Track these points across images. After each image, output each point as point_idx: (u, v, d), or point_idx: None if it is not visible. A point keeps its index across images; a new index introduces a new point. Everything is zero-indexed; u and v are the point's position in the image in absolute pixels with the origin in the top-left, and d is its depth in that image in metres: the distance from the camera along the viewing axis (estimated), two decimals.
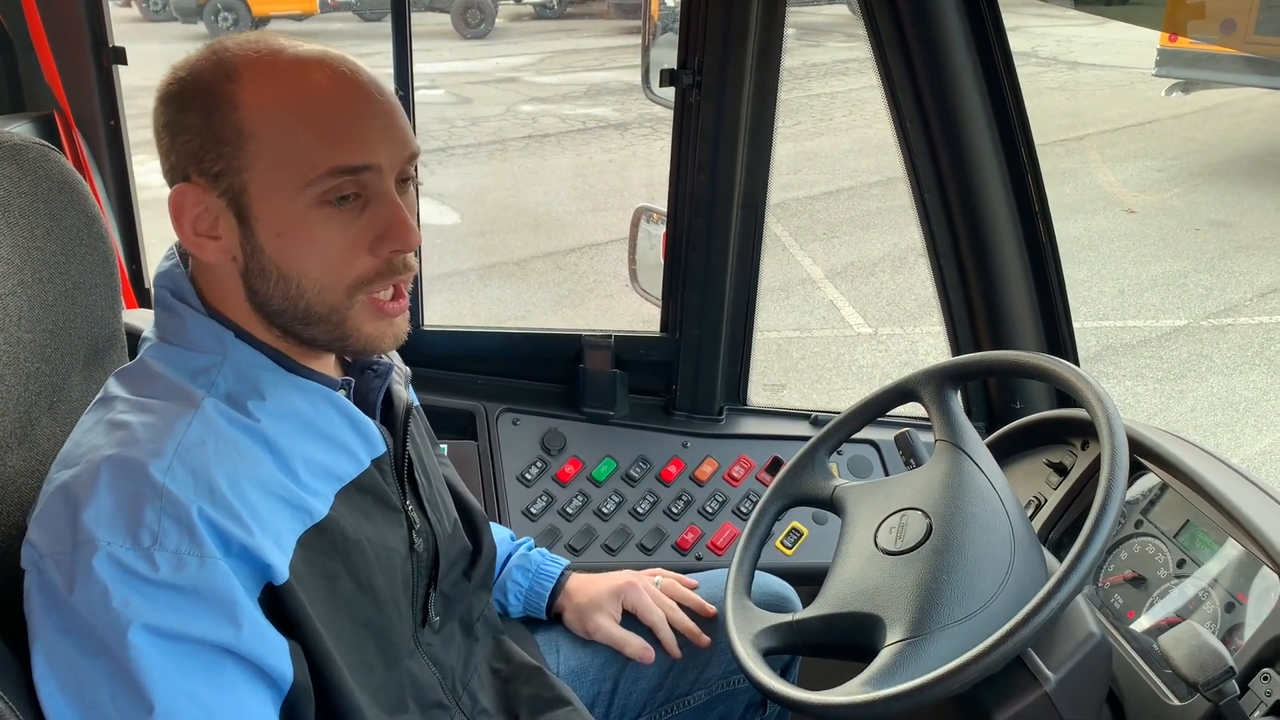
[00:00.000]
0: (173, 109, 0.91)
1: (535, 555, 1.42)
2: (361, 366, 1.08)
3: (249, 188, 0.89)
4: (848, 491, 1.31)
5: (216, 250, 0.92)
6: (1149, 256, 5.89)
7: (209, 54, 0.92)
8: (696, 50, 1.67)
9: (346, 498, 0.96)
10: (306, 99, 0.89)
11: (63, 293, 1.03)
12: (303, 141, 0.88)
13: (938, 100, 1.62)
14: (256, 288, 0.92)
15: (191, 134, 0.89)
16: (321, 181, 0.88)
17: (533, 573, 1.40)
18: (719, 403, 1.91)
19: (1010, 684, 1.09)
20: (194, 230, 0.91)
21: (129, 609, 0.80)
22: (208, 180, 0.90)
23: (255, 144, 0.88)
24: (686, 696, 1.42)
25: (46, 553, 0.83)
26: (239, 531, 0.84)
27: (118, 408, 0.89)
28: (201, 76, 0.90)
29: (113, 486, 0.82)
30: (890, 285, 5.54)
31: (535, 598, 1.39)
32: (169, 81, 0.92)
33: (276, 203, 0.89)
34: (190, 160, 0.90)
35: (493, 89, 10.09)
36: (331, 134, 0.88)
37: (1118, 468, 1.06)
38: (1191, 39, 6.80)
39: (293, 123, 0.88)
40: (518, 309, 5.26)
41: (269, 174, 0.88)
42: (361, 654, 0.97)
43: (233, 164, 0.89)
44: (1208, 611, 1.18)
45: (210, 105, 0.89)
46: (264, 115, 0.88)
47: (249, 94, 0.88)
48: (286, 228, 0.89)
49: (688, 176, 1.76)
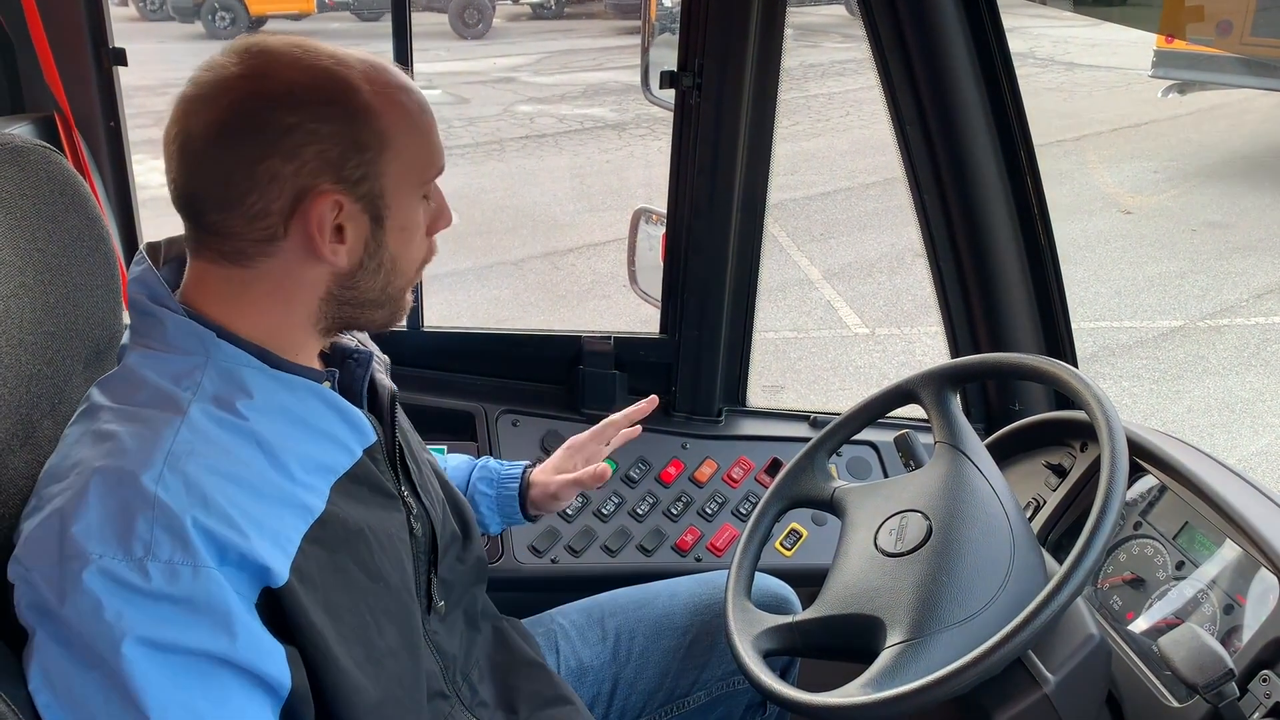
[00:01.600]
0: (296, 116, 0.88)
1: (494, 464, 1.44)
2: (342, 357, 1.08)
3: (386, 190, 0.94)
4: (847, 493, 1.31)
5: (343, 255, 0.94)
6: (1145, 257, 5.90)
7: (289, 62, 0.90)
8: (697, 52, 1.67)
9: (342, 489, 0.95)
10: (420, 107, 0.97)
11: (64, 295, 1.02)
12: (424, 146, 0.97)
13: (937, 101, 1.62)
14: (362, 283, 0.97)
15: (330, 142, 0.89)
16: (429, 182, 1.00)
17: (496, 480, 1.42)
18: (718, 404, 1.91)
19: (1010, 686, 1.09)
20: (324, 236, 0.92)
21: (122, 621, 0.80)
22: (346, 186, 0.91)
23: (394, 149, 0.93)
24: (686, 697, 1.42)
25: (33, 566, 0.83)
26: (234, 537, 0.84)
27: (103, 417, 0.89)
28: (315, 85, 0.89)
29: (103, 499, 0.82)
30: (888, 286, 5.54)
31: (506, 502, 1.41)
32: (264, 88, 0.89)
33: (402, 201, 0.96)
34: (326, 168, 0.90)
35: (490, 89, 10.08)
36: (435, 139, 0.99)
37: (1117, 470, 1.06)
38: (1188, 40, 6.80)
39: (418, 128, 0.96)
40: (516, 309, 5.26)
41: (401, 176, 0.95)
42: (381, 644, 0.97)
43: (374, 169, 0.92)
44: (1206, 613, 1.19)
45: (348, 114, 0.90)
46: (398, 123, 0.93)
47: (381, 104, 0.92)
48: (407, 223, 0.98)
49: (687, 178, 1.76)
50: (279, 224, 0.90)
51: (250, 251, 0.92)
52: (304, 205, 0.90)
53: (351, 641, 0.94)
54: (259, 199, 0.89)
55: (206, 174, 0.90)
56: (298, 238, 0.91)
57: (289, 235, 0.91)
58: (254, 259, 0.93)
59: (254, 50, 0.91)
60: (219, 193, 0.90)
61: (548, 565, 1.68)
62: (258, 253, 0.92)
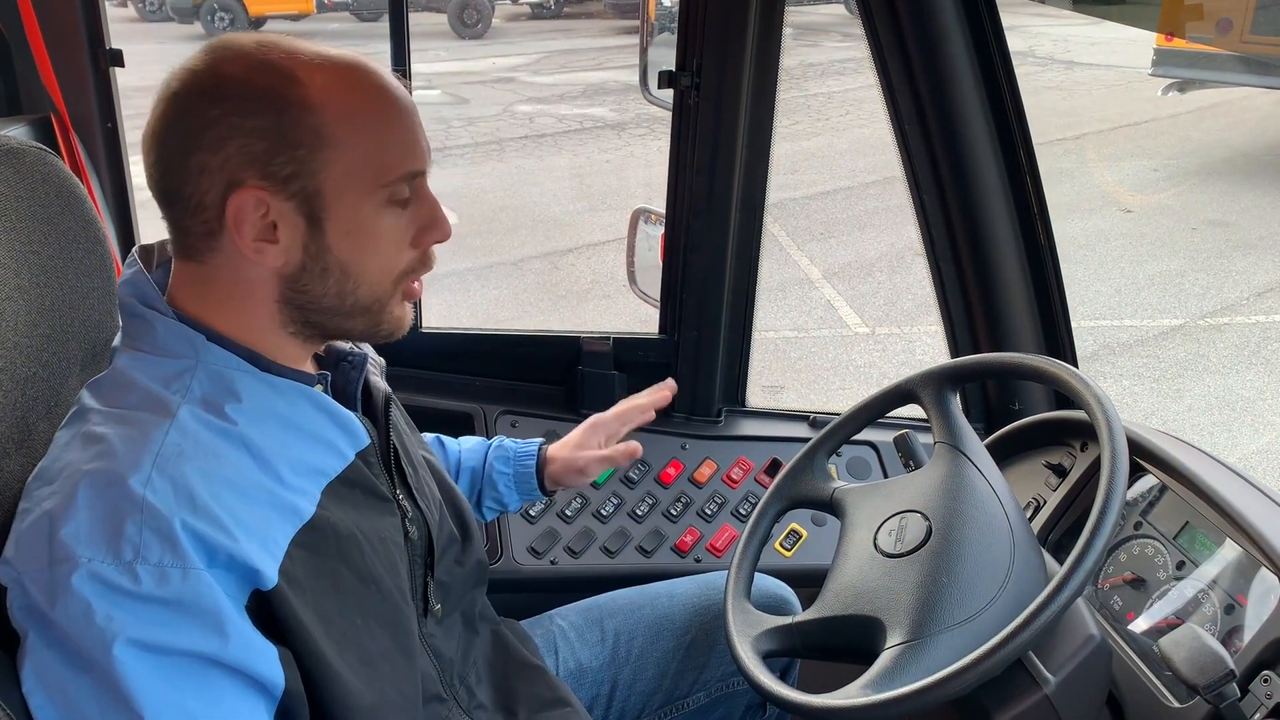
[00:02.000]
0: (220, 109, 0.87)
1: (509, 444, 1.44)
2: (336, 359, 1.08)
3: (323, 189, 0.90)
4: (847, 493, 1.31)
5: (275, 255, 0.91)
6: (1146, 256, 5.90)
7: (235, 56, 0.89)
8: (695, 52, 1.67)
9: (333, 493, 0.95)
10: (380, 105, 0.92)
11: (60, 297, 1.02)
12: (381, 146, 0.92)
13: (936, 100, 1.62)
14: (309, 287, 0.94)
15: (254, 137, 0.87)
16: (393, 185, 0.93)
17: (512, 459, 1.42)
18: (717, 404, 1.90)
19: (1010, 686, 1.09)
20: (252, 236, 0.90)
21: (113, 624, 0.79)
22: (273, 184, 0.89)
23: (333, 147, 0.89)
24: (685, 699, 1.42)
25: (24, 570, 0.82)
26: (223, 539, 0.84)
27: (93, 420, 0.88)
28: (250, 78, 0.88)
29: (91, 502, 0.82)
30: (887, 285, 5.54)
31: (524, 479, 1.42)
32: (198, 81, 0.89)
33: (349, 203, 0.92)
34: (251, 164, 0.88)
35: (490, 89, 10.08)
36: (403, 140, 0.94)
37: (1117, 470, 1.06)
38: (1188, 39, 6.80)
39: (372, 127, 0.91)
40: (515, 310, 5.26)
41: (345, 176, 0.91)
42: (374, 647, 0.97)
43: (307, 166, 0.89)
44: (1207, 613, 1.18)
45: (278, 108, 0.88)
46: (343, 119, 0.90)
47: (321, 98, 0.89)
48: (356, 227, 0.93)
49: (686, 178, 1.76)
50: (215, 218, 0.90)
51: (200, 246, 0.92)
52: (233, 200, 0.89)
53: (343, 645, 0.93)
54: (194, 191, 0.89)
55: (155, 167, 0.91)
56: (231, 233, 0.90)
57: (224, 230, 0.90)
58: (204, 254, 0.93)
59: (216, 46, 0.91)
60: (164, 186, 0.91)
61: (547, 566, 1.68)
62: (205, 248, 0.92)
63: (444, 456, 1.43)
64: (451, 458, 1.44)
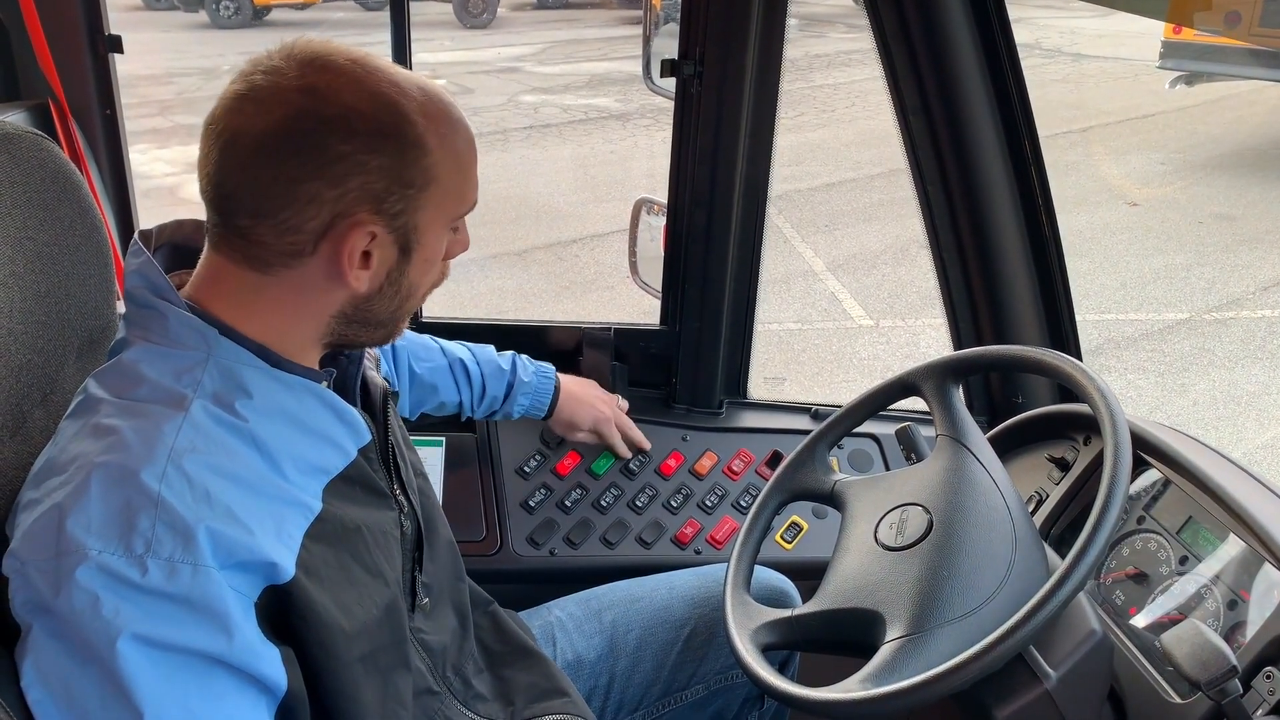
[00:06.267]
0: (348, 145, 0.87)
1: (531, 380, 1.59)
2: (335, 353, 1.07)
3: (420, 225, 0.94)
4: (848, 486, 1.30)
5: (365, 280, 0.93)
6: (1151, 249, 5.88)
7: (348, 82, 0.88)
8: (698, 41, 1.66)
9: (335, 490, 0.95)
10: (467, 145, 0.96)
11: (55, 284, 1.02)
12: (464, 184, 0.97)
13: (941, 92, 1.61)
14: (375, 306, 0.97)
15: (377, 175, 0.88)
16: (462, 217, 1.00)
17: (532, 393, 1.60)
18: (719, 396, 1.90)
19: (1011, 681, 1.08)
20: (351, 262, 0.91)
21: (119, 618, 0.79)
22: (384, 219, 0.91)
23: (437, 187, 0.93)
24: (684, 690, 1.42)
25: (29, 560, 0.82)
26: (239, 534, 0.83)
27: (104, 411, 0.88)
28: (372, 113, 0.88)
29: (105, 495, 0.81)
30: (892, 277, 5.53)
31: (537, 410, 1.61)
32: (321, 109, 0.87)
33: (434, 234, 0.96)
34: (368, 200, 0.89)
35: (494, 79, 10.06)
36: (474, 175, 0.99)
37: (1120, 464, 1.05)
38: (1196, 31, 6.76)
39: (462, 166, 0.96)
40: (519, 300, 5.25)
41: (437, 210, 0.95)
42: (379, 639, 0.97)
43: (413, 204, 0.92)
44: (1210, 609, 1.18)
45: (400, 149, 0.89)
46: (445, 161, 0.93)
47: (433, 141, 0.91)
48: (433, 254, 0.98)
49: (688, 168, 1.75)
50: (309, 242, 0.90)
51: (273, 261, 0.91)
52: (338, 230, 0.89)
53: (359, 637, 0.93)
54: (294, 215, 0.88)
55: (247, 179, 0.88)
56: (324, 258, 0.91)
57: (316, 254, 0.90)
58: (275, 269, 0.92)
59: (316, 64, 0.88)
60: (255, 200, 0.88)
61: (545, 557, 1.67)
62: (280, 264, 0.91)
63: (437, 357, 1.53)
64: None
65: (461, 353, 1.55)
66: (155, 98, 6.28)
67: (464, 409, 1.56)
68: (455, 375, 1.53)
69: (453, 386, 1.53)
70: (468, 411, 1.57)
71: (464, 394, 1.54)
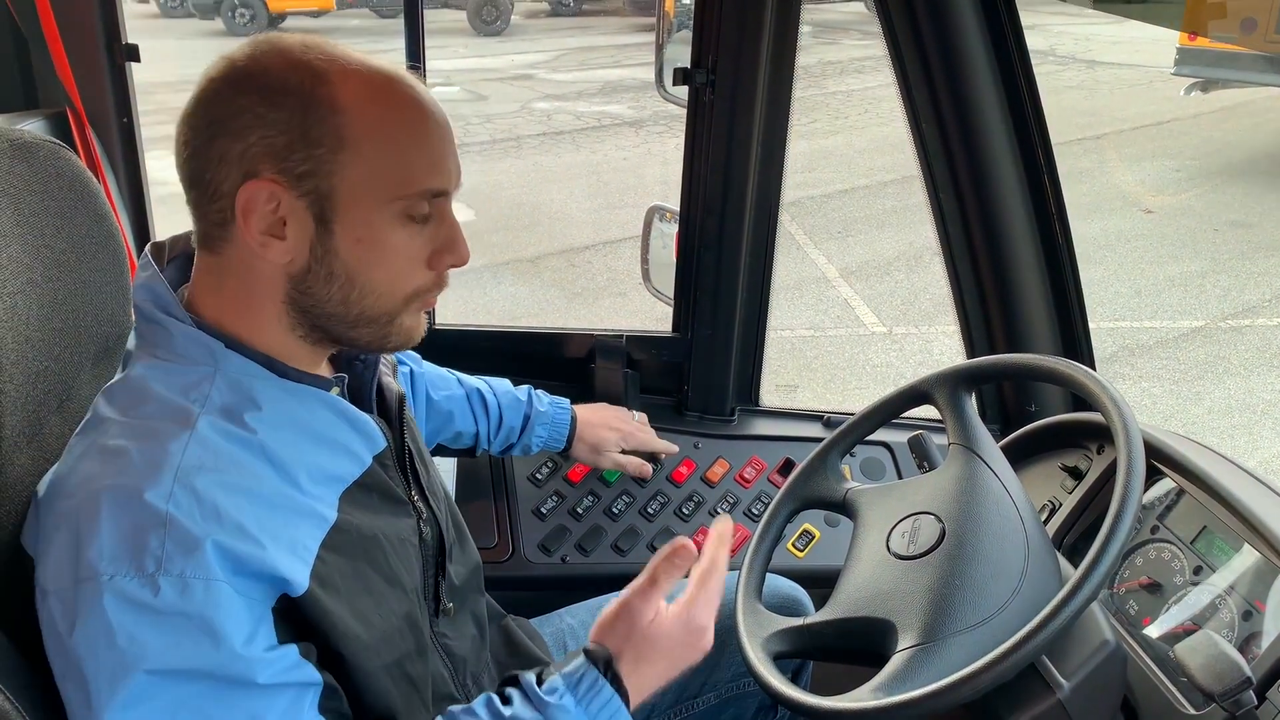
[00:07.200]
0: (248, 99, 0.87)
1: (548, 410, 1.58)
2: (349, 359, 1.07)
3: (336, 192, 0.90)
4: (860, 494, 1.30)
5: (281, 251, 0.91)
6: (1166, 257, 5.85)
7: (276, 51, 0.89)
8: (710, 49, 1.66)
9: (351, 498, 0.95)
10: (409, 118, 0.92)
11: (72, 291, 1.02)
12: (403, 158, 0.91)
13: (953, 99, 1.60)
14: (314, 290, 0.93)
15: (276, 130, 0.87)
16: (412, 200, 0.92)
17: (549, 423, 1.58)
18: (731, 403, 1.90)
19: (1023, 691, 1.07)
20: (259, 229, 0.90)
21: (134, 647, 0.79)
22: (288, 179, 0.88)
23: (353, 151, 0.89)
24: (696, 699, 1.41)
25: (50, 589, 0.83)
26: (251, 549, 0.83)
27: (111, 431, 0.88)
28: (283, 73, 0.88)
29: (115, 519, 0.82)
30: (905, 284, 5.52)
31: (555, 441, 1.60)
32: (234, 71, 0.89)
33: (362, 210, 0.91)
34: (269, 156, 0.88)
35: (508, 86, 10.10)
36: (428, 156, 0.93)
37: (1134, 473, 1.04)
38: (1211, 38, 6.74)
39: (397, 138, 0.91)
40: (531, 307, 5.26)
41: (362, 183, 0.90)
42: (402, 647, 0.97)
43: (323, 167, 0.89)
44: (1224, 619, 1.17)
45: (304, 105, 0.87)
46: (367, 125, 0.89)
47: (349, 101, 0.88)
48: (367, 236, 0.91)
49: (701, 175, 1.75)
50: (229, 207, 0.90)
51: (214, 235, 0.92)
52: (247, 191, 0.89)
53: (380, 646, 0.94)
54: (213, 178, 0.89)
55: (182, 150, 0.91)
56: (244, 225, 0.90)
57: (237, 221, 0.90)
58: (217, 244, 0.93)
59: (261, 41, 0.91)
60: (189, 169, 0.91)
61: (557, 564, 1.67)
62: (218, 236, 0.92)
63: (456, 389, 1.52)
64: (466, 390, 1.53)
65: (478, 384, 1.54)
66: (171, 105, 6.31)
67: (480, 440, 1.53)
68: (472, 405, 1.51)
69: (469, 416, 1.51)
70: (484, 444, 1.54)
71: (480, 424, 1.52)
